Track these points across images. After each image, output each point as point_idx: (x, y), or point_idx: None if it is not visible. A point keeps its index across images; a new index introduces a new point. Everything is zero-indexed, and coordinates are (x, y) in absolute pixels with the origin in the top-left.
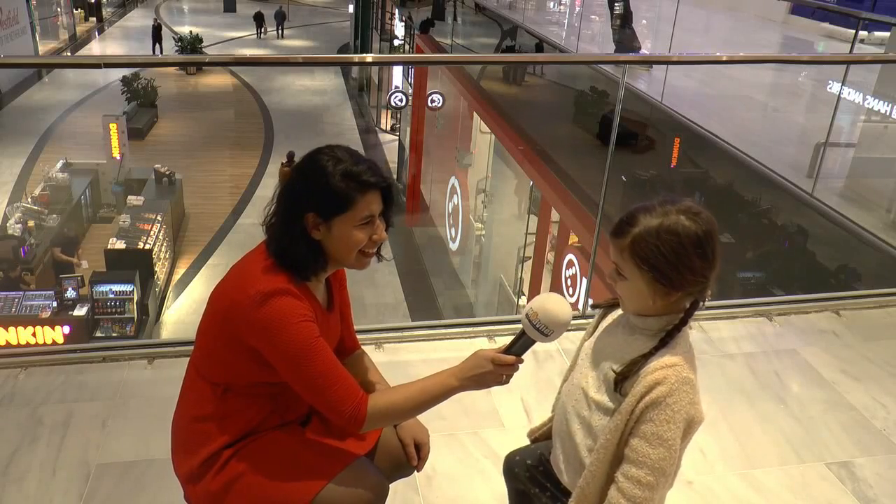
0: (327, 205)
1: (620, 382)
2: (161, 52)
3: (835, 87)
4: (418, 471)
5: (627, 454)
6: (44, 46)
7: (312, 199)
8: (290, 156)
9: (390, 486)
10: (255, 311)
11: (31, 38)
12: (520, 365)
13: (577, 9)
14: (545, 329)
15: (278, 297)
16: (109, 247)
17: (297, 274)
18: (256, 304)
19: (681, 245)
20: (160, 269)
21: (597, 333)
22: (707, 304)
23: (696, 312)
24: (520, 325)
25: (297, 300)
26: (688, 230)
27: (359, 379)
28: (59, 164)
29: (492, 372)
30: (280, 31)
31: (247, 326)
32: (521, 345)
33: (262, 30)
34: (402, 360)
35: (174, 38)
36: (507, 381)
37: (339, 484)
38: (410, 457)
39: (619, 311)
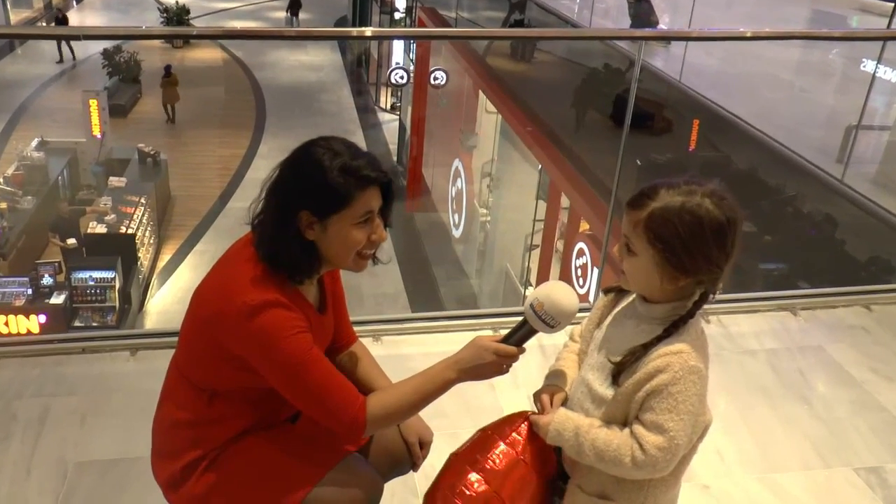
0: (324, 202)
1: (618, 375)
2: (72, 52)
3: (869, 66)
4: (415, 471)
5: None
6: (15, 16)
7: (307, 196)
8: (168, 68)
9: (387, 485)
10: (244, 324)
11: (2, 6)
12: (521, 355)
13: None
14: (550, 320)
15: (269, 309)
16: (89, 231)
17: (289, 278)
18: (246, 317)
19: (700, 228)
20: (144, 255)
21: (607, 322)
22: (727, 296)
23: (714, 305)
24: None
25: (288, 311)
26: (711, 214)
27: (357, 374)
28: (34, 143)
29: (492, 363)
30: None
31: (235, 338)
32: (522, 334)
33: None
34: (401, 353)
35: (159, 9)
36: (506, 371)
37: (330, 484)
38: (416, 456)
39: (628, 299)
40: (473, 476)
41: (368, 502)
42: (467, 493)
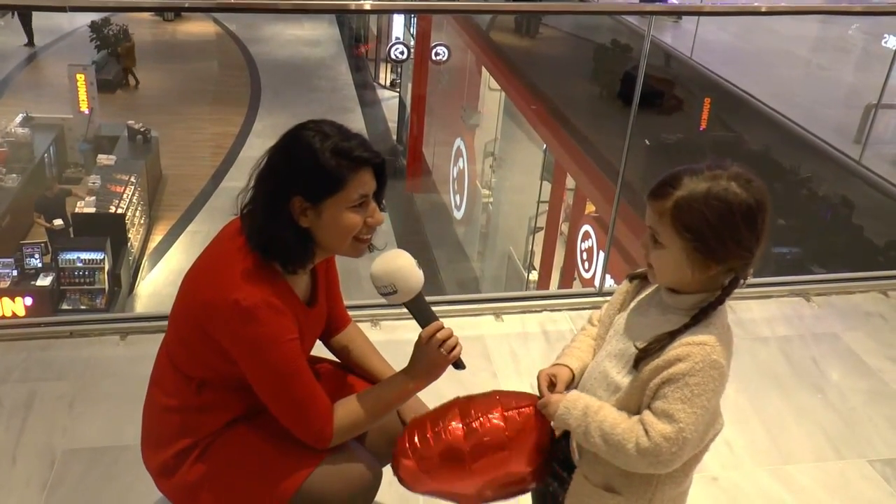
0: (316, 186)
1: (640, 361)
2: (31, 36)
3: (891, 42)
4: None
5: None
6: None
7: (299, 180)
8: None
9: (385, 474)
10: (235, 326)
11: None
12: (452, 330)
13: None
14: (392, 288)
15: (261, 314)
16: (77, 210)
17: (283, 268)
18: (237, 319)
19: (730, 213)
20: (134, 236)
21: (629, 308)
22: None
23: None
24: (528, 304)
25: (280, 316)
26: (739, 198)
27: (355, 359)
28: (18, 119)
29: (431, 353)
30: None
31: (223, 335)
32: (415, 313)
33: None
34: (400, 339)
35: None
36: (458, 352)
37: (326, 471)
38: None
39: (653, 287)
40: (456, 424)
41: (366, 488)
42: (442, 435)
